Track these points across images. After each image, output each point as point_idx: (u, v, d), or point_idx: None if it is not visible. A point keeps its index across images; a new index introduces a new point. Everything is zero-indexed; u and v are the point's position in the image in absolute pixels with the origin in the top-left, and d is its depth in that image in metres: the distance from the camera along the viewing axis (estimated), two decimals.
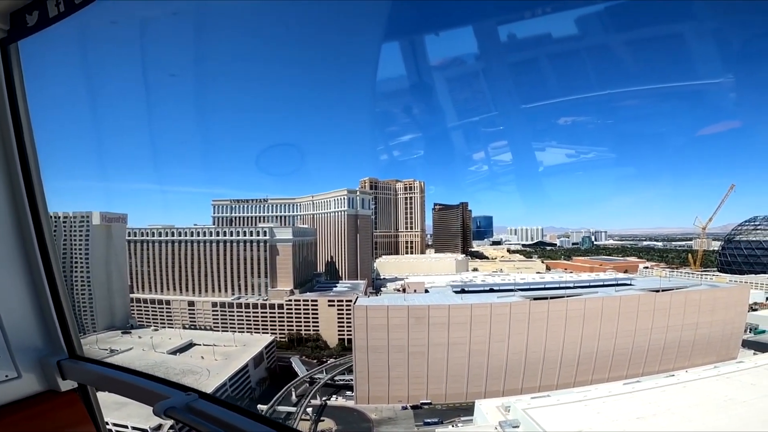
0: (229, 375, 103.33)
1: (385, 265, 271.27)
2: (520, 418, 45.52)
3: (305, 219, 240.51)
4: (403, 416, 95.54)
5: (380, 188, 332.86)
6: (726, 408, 44.48)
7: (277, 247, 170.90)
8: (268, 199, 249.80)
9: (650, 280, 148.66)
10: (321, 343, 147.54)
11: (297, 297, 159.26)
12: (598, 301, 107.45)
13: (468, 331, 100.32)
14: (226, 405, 3.97)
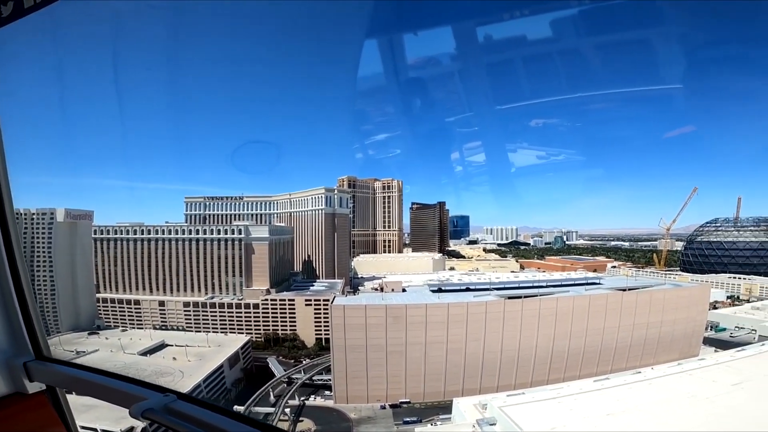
0: (204, 376, 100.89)
1: (362, 264, 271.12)
2: (497, 415, 46.56)
3: (282, 217, 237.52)
4: (382, 415, 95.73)
5: (358, 187, 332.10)
6: (689, 404, 46.91)
7: (253, 245, 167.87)
8: (244, 197, 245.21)
9: (618, 280, 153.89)
10: (298, 342, 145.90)
11: (273, 296, 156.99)
12: (569, 300, 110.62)
13: (445, 330, 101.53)
14: (206, 405, 3.94)
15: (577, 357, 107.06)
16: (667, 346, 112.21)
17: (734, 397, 48.10)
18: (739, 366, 61.35)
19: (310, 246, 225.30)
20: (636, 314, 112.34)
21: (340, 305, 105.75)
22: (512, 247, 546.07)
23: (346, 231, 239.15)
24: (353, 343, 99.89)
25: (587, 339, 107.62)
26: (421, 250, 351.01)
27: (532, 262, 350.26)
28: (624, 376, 59.69)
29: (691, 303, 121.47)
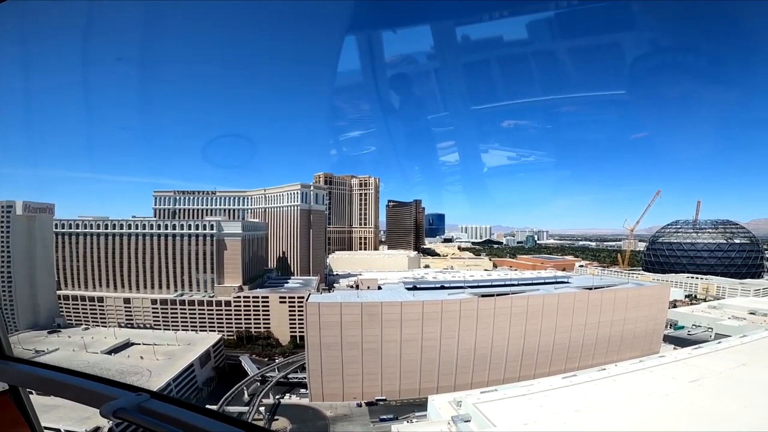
0: (174, 375, 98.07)
1: (338, 261, 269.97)
2: (471, 412, 47.54)
3: (256, 213, 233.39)
4: (358, 413, 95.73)
5: (335, 183, 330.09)
6: (650, 400, 49.38)
7: (225, 241, 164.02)
8: (217, 192, 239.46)
9: (585, 279, 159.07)
10: (272, 340, 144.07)
11: (246, 293, 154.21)
12: (539, 299, 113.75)
13: (420, 328, 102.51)
14: (181, 404, 3.91)
15: (547, 354, 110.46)
16: (629, 343, 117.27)
17: (691, 393, 51.00)
18: (697, 363, 64.99)
19: (285, 242, 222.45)
20: (601, 312, 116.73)
21: (316, 303, 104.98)
22: (486, 246, 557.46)
23: (321, 228, 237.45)
24: (328, 340, 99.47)
25: (556, 336, 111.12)
26: (397, 247, 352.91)
27: (505, 261, 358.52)
28: (590, 372, 62.12)
29: (652, 302, 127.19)
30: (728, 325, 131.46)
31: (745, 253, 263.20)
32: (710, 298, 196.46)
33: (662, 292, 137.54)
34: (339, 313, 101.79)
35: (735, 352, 70.79)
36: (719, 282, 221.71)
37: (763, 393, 48.83)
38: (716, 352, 71.83)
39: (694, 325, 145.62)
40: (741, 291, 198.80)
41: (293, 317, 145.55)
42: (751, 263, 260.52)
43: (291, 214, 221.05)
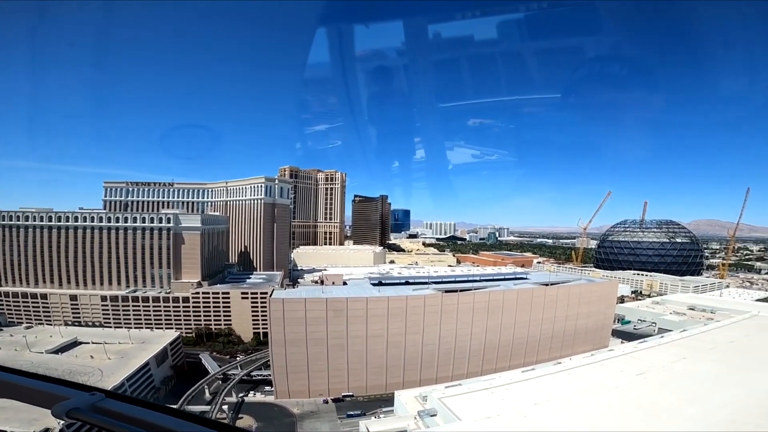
0: (127, 375, 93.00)
1: (302, 255, 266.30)
2: (437, 406, 48.48)
3: (217, 206, 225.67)
4: (325, 410, 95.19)
5: (300, 177, 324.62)
6: (602, 393, 52.39)
7: (183, 235, 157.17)
8: (174, 183, 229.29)
9: (542, 275, 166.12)
10: (234, 337, 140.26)
11: (206, 289, 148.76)
12: (500, 295, 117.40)
13: (385, 324, 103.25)
14: (139, 402, 3.84)
15: (507, 348, 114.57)
16: (582, 337, 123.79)
17: (638, 387, 54.65)
18: (642, 357, 69.70)
19: (248, 237, 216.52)
20: (557, 308, 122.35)
21: (279, 298, 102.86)
22: (450, 242, 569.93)
23: (286, 222, 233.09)
24: (293, 337, 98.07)
25: (515, 331, 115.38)
26: (363, 242, 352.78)
27: (468, 257, 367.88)
28: (547, 366, 64.95)
29: (602, 297, 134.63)
30: (670, 319, 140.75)
31: (685, 251, 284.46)
32: (654, 294, 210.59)
33: (611, 288, 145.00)
34: (304, 309, 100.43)
35: (676, 346, 76.44)
36: (662, 279, 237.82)
37: (701, 386, 53.22)
38: (659, 346, 77.12)
39: (640, 320, 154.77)
40: (681, 287, 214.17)
41: (256, 313, 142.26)
42: (691, 261, 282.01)
43: (254, 207, 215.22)
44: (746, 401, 47.32)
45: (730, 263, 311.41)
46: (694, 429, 41.46)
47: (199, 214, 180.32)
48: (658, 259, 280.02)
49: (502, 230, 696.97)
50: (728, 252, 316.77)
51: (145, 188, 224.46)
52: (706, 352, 71.84)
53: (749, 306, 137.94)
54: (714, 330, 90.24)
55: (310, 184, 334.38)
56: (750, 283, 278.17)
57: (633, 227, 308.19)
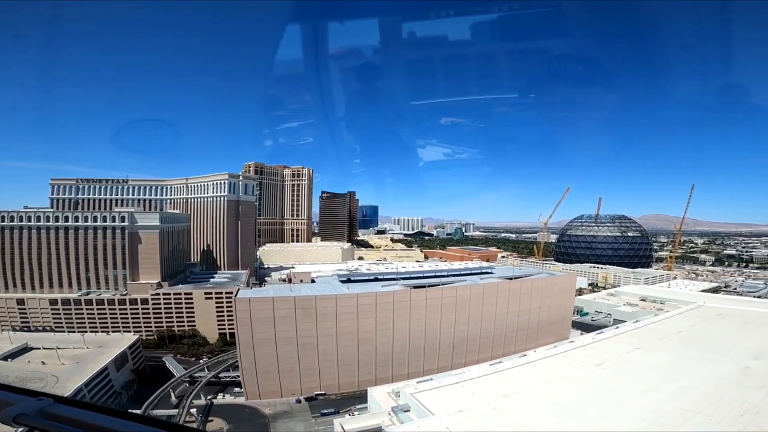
0: (86, 380, 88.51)
1: (269, 253, 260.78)
2: (410, 402, 48.94)
3: (177, 203, 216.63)
4: (298, 409, 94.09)
5: (266, 173, 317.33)
6: (565, 384, 54.83)
7: (140, 234, 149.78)
8: (129, 180, 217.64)
9: (506, 269, 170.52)
10: (199, 339, 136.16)
11: (166, 290, 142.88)
12: (467, 289, 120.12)
13: (355, 321, 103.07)
14: (92, 407, 3.81)
15: (476, 342, 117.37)
16: (545, 329, 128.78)
17: (597, 377, 57.64)
18: (600, 348, 73.53)
19: (211, 235, 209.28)
20: (520, 301, 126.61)
21: (246, 298, 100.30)
22: (417, 237, 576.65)
23: (251, 219, 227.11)
24: (261, 336, 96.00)
25: (483, 325, 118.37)
26: (331, 239, 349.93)
27: (435, 252, 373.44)
28: (513, 359, 67.12)
29: (562, 290, 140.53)
30: (624, 311, 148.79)
31: (636, 245, 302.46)
32: (609, 286, 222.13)
33: (570, 281, 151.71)
34: (271, 309, 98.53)
35: (630, 336, 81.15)
36: (616, 271, 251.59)
37: (654, 376, 56.91)
38: (615, 336, 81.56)
39: (597, 312, 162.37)
40: (633, 279, 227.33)
41: (221, 314, 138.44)
42: (641, 254, 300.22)
43: (217, 205, 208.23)
44: (696, 390, 51.03)
45: (677, 256, 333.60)
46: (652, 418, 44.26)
47: (157, 212, 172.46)
48: (612, 253, 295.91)
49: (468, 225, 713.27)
50: (675, 245, 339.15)
51: (96, 185, 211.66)
52: (657, 342, 76.72)
53: (695, 297, 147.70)
54: (664, 320, 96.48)
55: (276, 181, 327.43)
56: (695, 275, 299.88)
57: (589, 222, 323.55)
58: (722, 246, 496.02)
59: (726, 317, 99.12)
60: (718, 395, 49.37)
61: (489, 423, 44.03)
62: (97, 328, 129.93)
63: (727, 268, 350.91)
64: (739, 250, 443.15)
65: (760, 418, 42.48)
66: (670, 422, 43.19)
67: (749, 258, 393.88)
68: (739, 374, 57.00)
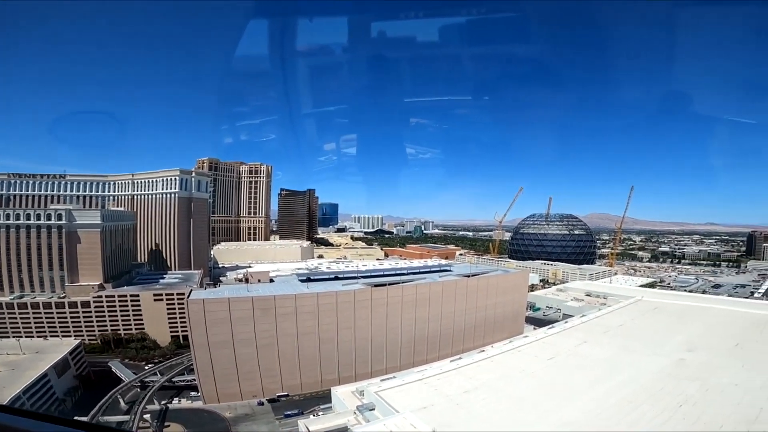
0: (24, 387, 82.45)
1: (224, 252, 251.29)
2: (374, 400, 49.00)
3: (122, 200, 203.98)
4: (261, 411, 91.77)
5: (221, 170, 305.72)
6: (522, 378, 57.30)
7: (79, 233, 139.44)
8: (67, 176, 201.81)
9: (464, 267, 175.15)
10: (149, 342, 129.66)
11: (110, 292, 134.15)
12: (426, 287, 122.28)
13: (316, 320, 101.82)
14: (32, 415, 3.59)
15: (436, 339, 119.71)
16: (501, 325, 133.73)
17: (551, 370, 60.76)
18: (551, 342, 77.55)
19: (160, 234, 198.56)
20: (478, 298, 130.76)
21: (199, 299, 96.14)
22: (378, 236, 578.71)
23: (204, 217, 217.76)
24: (218, 339, 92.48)
25: (442, 322, 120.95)
26: (290, 237, 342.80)
27: (395, 250, 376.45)
28: (473, 355, 69.14)
29: (516, 286, 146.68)
30: (571, 306, 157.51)
31: (582, 242, 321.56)
32: (558, 282, 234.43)
33: (523, 277, 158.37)
34: (228, 310, 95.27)
35: (577, 331, 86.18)
36: (564, 267, 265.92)
37: (600, 368, 60.93)
38: (564, 331, 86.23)
39: (548, 307, 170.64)
40: (579, 275, 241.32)
41: (173, 316, 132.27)
42: (586, 251, 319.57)
43: (167, 202, 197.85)
44: (637, 382, 55.17)
45: (617, 253, 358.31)
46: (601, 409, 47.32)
47: (98, 210, 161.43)
48: (561, 250, 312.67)
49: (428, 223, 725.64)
50: (616, 243, 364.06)
51: (30, 181, 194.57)
52: (601, 336, 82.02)
53: (634, 291, 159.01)
54: (607, 315, 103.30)
55: (232, 177, 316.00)
56: (634, 271, 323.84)
57: (540, 221, 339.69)
58: (657, 243, 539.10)
59: (661, 311, 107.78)
60: (658, 387, 53.59)
61: (452, 418, 45.11)
62: (32, 333, 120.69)
63: (662, 264, 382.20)
64: (673, 248, 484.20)
65: (698, 409, 46.48)
66: (617, 413, 46.31)
67: (681, 254, 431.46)
68: (675, 367, 62.17)
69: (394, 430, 40.39)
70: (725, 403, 47.29)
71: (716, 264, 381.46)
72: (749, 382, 53.46)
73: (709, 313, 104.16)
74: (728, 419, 43.14)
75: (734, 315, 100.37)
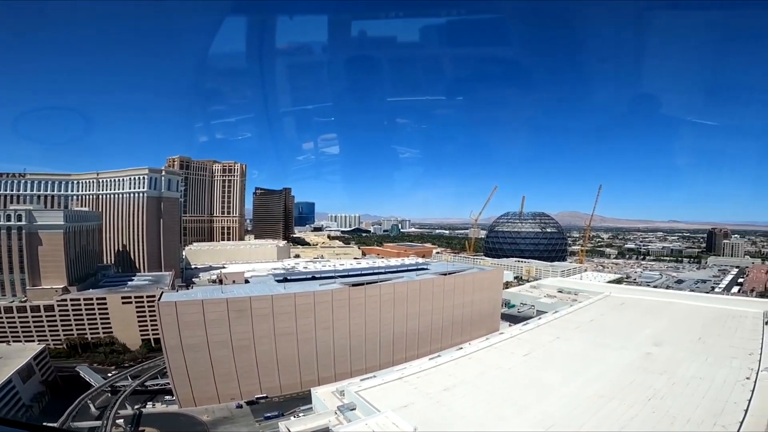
0: None
1: (197, 253, 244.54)
2: (355, 400, 48.83)
3: (86, 200, 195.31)
4: (240, 414, 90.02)
5: (193, 168, 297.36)
6: (499, 374, 58.45)
7: (41, 235, 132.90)
8: (27, 174, 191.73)
9: (441, 265, 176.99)
10: (118, 346, 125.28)
11: (75, 295, 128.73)
12: (404, 286, 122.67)
13: (294, 321, 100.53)
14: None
15: (415, 338, 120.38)
16: (478, 322, 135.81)
17: (526, 366, 62.27)
18: (526, 338, 79.43)
19: (127, 234, 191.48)
20: (455, 295, 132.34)
21: (171, 302, 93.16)
22: (355, 234, 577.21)
23: (175, 217, 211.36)
24: (192, 341, 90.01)
25: (420, 320, 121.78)
26: (265, 237, 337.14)
27: (373, 249, 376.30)
28: (451, 352, 69.94)
29: (491, 284, 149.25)
30: (544, 302, 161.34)
31: (554, 240, 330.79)
32: (531, 279, 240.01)
33: (498, 275, 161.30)
34: (201, 312, 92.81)
35: (551, 327, 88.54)
36: (537, 265, 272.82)
37: (573, 363, 62.94)
38: (538, 327, 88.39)
39: (522, 303, 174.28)
40: (552, 272, 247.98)
41: (143, 319, 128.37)
42: (558, 248, 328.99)
43: (135, 202, 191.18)
44: (608, 377, 57.33)
45: (587, 250, 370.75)
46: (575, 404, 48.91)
47: (61, 210, 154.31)
48: (534, 247, 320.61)
49: (405, 222, 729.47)
50: (585, 240, 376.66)
51: None
52: (573, 331, 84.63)
53: (602, 287, 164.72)
54: (578, 310, 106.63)
55: (204, 176, 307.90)
56: (602, 267, 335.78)
57: (514, 219, 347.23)
58: (624, 240, 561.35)
59: (628, 306, 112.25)
60: (627, 381, 55.83)
61: (433, 416, 45.55)
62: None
63: (628, 261, 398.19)
64: (638, 244, 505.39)
65: (666, 402, 48.68)
66: (590, 408, 47.92)
67: (646, 251, 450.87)
68: (643, 360, 64.93)
69: (376, 429, 40.41)
70: (692, 397, 49.71)
71: (678, 260, 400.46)
72: (713, 376, 56.42)
73: (673, 308, 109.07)
74: (695, 412, 45.31)
75: (696, 310, 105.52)
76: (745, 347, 70.54)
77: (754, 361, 62.38)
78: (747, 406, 45.65)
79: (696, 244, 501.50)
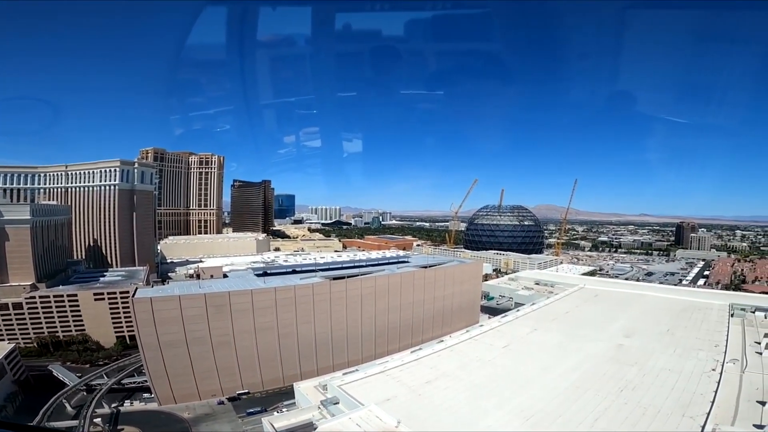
0: None
1: (172, 247, 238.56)
2: (338, 394, 48.86)
3: (54, 193, 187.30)
4: (222, 410, 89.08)
5: (168, 160, 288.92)
6: (480, 367, 59.42)
7: (6, 230, 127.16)
8: None
9: (421, 258, 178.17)
10: (91, 344, 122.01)
11: (44, 293, 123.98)
12: (385, 279, 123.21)
13: (274, 315, 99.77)
14: None
15: (396, 331, 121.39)
16: (458, 315, 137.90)
17: (505, 358, 63.55)
18: (505, 330, 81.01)
19: (98, 229, 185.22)
20: (435, 288, 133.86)
21: (146, 297, 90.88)
22: (336, 227, 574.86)
23: (149, 210, 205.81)
24: (169, 338, 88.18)
25: (401, 313, 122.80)
26: (244, 230, 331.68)
27: (354, 241, 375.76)
28: (432, 345, 70.72)
29: (471, 276, 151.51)
30: (522, 294, 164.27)
31: (531, 233, 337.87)
32: (510, 271, 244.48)
33: (478, 267, 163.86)
34: (178, 308, 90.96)
35: (528, 319, 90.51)
36: (515, 257, 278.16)
37: (550, 355, 64.67)
38: (516, 319, 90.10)
39: (501, 296, 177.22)
40: (529, 264, 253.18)
41: (117, 316, 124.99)
42: (535, 241, 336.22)
43: (106, 194, 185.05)
44: (582, 368, 59.06)
45: (562, 242, 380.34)
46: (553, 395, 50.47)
47: (27, 204, 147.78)
48: (512, 240, 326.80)
49: (385, 214, 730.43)
50: (561, 233, 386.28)
51: None
52: (550, 323, 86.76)
53: (577, 279, 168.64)
54: (554, 303, 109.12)
55: (180, 168, 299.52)
56: (577, 259, 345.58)
57: (493, 212, 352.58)
58: (597, 233, 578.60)
59: (602, 298, 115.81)
60: (601, 372, 57.77)
61: (416, 409, 46.10)
62: None
63: (601, 253, 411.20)
64: (611, 237, 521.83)
65: (637, 393, 50.63)
66: (568, 398, 49.44)
67: (618, 244, 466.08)
68: (615, 352, 67.23)
69: (360, 423, 40.70)
70: (661, 388, 51.80)
71: (648, 253, 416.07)
72: (681, 367, 58.93)
73: (643, 300, 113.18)
74: (665, 403, 47.27)
75: (665, 302, 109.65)
76: (711, 339, 73.84)
77: (719, 352, 65.38)
78: (713, 397, 47.91)
79: (665, 237, 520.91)
